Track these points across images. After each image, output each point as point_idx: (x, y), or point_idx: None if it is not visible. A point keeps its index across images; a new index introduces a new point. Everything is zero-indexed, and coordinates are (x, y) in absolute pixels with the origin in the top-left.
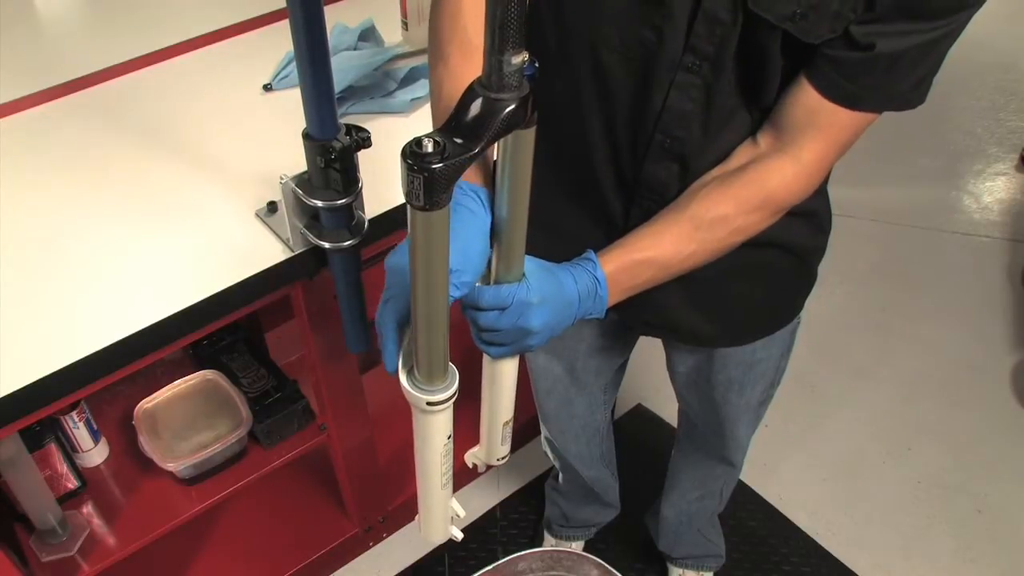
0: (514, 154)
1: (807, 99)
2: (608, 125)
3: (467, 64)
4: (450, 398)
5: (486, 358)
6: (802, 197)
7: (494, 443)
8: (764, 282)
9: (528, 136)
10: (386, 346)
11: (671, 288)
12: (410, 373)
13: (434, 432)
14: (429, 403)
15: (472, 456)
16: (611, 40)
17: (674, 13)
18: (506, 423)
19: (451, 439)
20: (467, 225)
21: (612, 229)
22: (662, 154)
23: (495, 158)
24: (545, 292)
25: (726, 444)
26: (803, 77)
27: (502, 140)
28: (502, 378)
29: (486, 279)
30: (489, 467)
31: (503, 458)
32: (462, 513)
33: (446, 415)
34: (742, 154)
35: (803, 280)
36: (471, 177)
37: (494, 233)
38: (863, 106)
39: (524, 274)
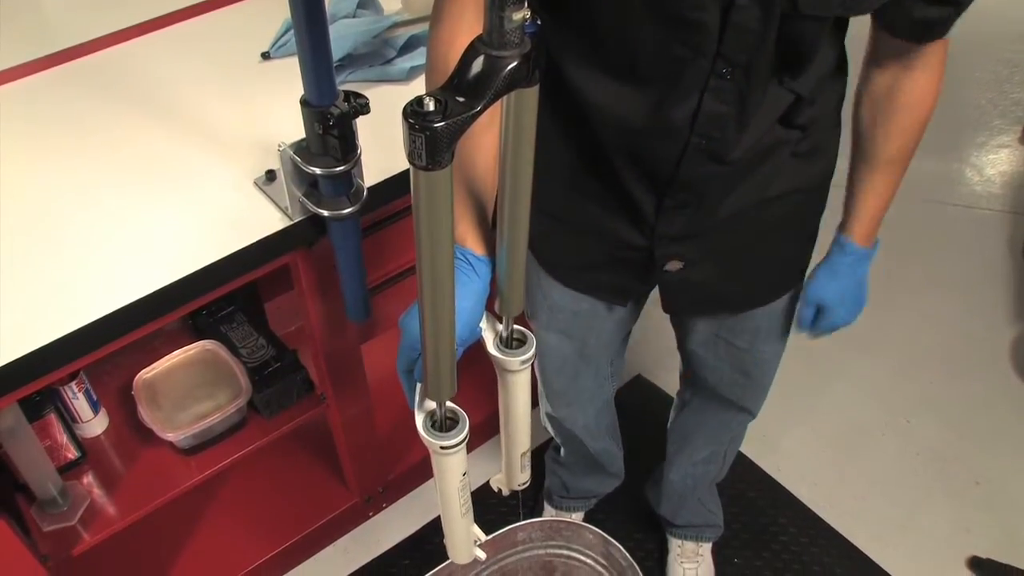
0: (517, 115)
1: (912, 47)
2: (643, 134)
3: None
4: (461, 442)
5: (500, 398)
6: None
7: (514, 471)
8: (793, 232)
9: (531, 95)
10: (406, 392)
11: (708, 269)
12: (426, 422)
13: (450, 471)
14: (443, 447)
15: (496, 482)
16: (646, 59)
17: (707, 29)
18: (523, 453)
19: (466, 475)
20: (458, 287)
21: (644, 223)
22: (699, 155)
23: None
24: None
25: (748, 392)
26: (901, 44)
27: (504, 103)
28: (517, 416)
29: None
30: (512, 491)
31: (524, 483)
32: (483, 537)
33: (459, 456)
34: (880, 79)
35: (818, 215)
36: (468, 242)
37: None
38: (949, 24)
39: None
